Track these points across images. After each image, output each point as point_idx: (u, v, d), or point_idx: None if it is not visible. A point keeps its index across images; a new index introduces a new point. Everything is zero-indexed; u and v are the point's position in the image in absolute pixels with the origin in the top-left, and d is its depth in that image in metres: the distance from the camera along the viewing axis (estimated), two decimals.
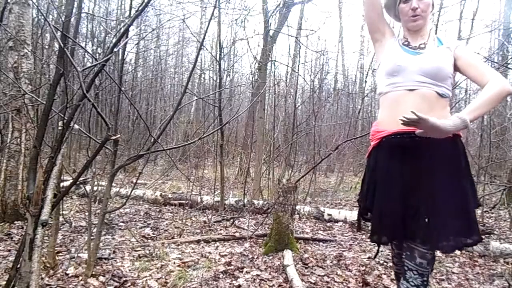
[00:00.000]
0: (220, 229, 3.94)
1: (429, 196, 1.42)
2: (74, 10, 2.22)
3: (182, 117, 11.63)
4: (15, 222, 3.60)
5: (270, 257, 3.02)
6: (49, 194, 1.78)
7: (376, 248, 1.80)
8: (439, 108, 1.46)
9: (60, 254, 2.81)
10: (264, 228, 3.85)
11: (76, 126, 2.07)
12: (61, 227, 3.47)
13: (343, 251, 3.32)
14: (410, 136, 1.41)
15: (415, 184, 1.45)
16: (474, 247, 3.19)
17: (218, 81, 6.31)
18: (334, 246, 3.50)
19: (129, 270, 2.60)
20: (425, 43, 1.56)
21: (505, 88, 1.40)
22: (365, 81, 10.22)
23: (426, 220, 1.40)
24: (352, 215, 4.42)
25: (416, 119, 1.27)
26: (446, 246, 1.42)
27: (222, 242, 3.45)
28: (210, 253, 3.09)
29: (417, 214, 1.43)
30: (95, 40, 10.56)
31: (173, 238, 3.50)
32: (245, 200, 4.82)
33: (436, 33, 1.70)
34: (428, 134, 1.33)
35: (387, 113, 1.56)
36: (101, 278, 2.39)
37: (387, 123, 1.54)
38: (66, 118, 1.88)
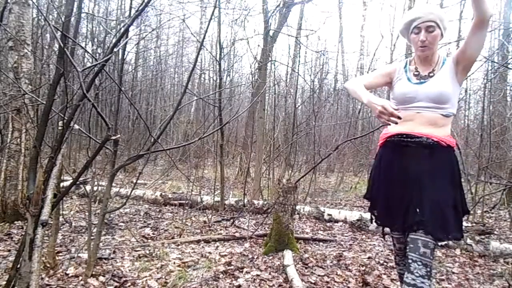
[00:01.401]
0: (220, 229, 3.94)
1: (422, 190, 1.60)
2: (74, 10, 2.22)
3: (182, 117, 11.64)
4: (15, 222, 3.61)
5: (270, 257, 3.02)
6: (49, 194, 1.78)
7: (376, 248, 1.88)
8: (442, 126, 1.66)
9: (60, 254, 2.81)
10: (264, 228, 3.85)
11: (76, 126, 2.07)
12: (61, 227, 3.47)
13: (343, 251, 3.32)
14: (408, 137, 1.66)
15: (412, 179, 1.65)
16: (474, 247, 3.33)
17: (218, 81, 6.30)
18: (334, 246, 3.50)
19: (129, 270, 2.60)
20: (433, 69, 1.72)
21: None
22: None
23: (418, 210, 1.58)
24: (352, 215, 4.42)
25: None
26: (438, 235, 1.56)
27: (222, 242, 3.45)
28: (210, 253, 3.09)
29: (412, 204, 1.62)
30: (95, 40, 10.55)
31: (173, 238, 3.51)
32: (245, 200, 4.82)
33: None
34: None
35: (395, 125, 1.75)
36: (101, 278, 2.39)
37: (392, 129, 1.75)
38: (66, 118, 1.88)
